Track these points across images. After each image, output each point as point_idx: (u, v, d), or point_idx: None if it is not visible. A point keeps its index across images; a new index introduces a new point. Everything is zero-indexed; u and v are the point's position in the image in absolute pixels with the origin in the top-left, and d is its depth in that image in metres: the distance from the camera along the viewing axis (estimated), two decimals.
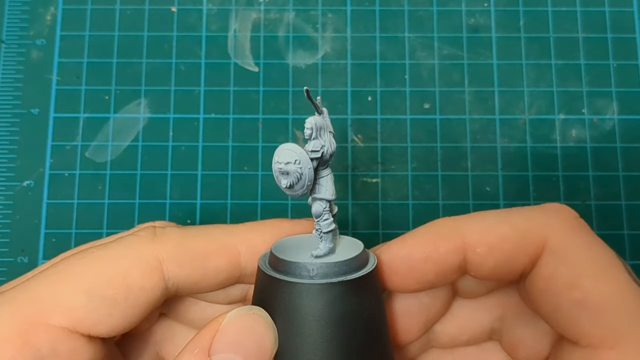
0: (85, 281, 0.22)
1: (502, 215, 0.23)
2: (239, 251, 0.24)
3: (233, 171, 0.39)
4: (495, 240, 0.23)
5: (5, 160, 0.39)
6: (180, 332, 0.28)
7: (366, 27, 0.41)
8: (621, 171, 0.39)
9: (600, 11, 0.41)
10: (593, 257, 0.22)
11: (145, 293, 0.23)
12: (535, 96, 0.40)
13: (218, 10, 0.42)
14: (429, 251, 0.23)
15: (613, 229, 0.38)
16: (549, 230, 0.22)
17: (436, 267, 0.23)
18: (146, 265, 0.23)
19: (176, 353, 0.28)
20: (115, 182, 0.39)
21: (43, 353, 0.21)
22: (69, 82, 0.40)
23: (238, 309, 0.21)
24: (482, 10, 0.42)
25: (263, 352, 0.21)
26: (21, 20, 0.41)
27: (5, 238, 0.38)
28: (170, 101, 0.40)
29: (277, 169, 0.22)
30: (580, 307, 0.21)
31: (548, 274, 0.22)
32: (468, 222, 0.24)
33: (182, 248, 0.24)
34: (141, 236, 0.24)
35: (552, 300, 0.21)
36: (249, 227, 0.25)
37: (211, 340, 0.21)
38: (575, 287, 0.21)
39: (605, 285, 0.21)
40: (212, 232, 0.25)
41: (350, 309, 0.21)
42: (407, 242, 0.24)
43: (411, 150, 0.39)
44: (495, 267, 0.23)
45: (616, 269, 0.21)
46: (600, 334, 0.20)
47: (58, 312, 0.21)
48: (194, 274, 0.24)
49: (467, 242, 0.23)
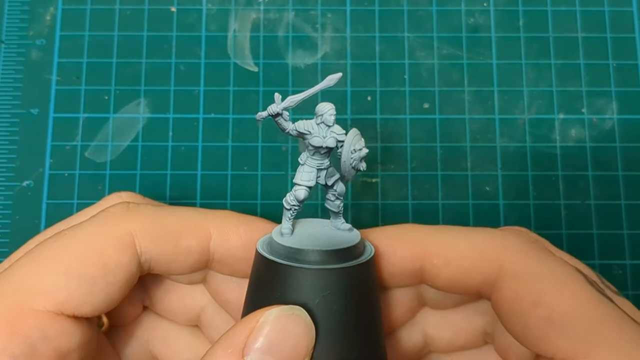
0: (62, 263, 0.22)
1: (465, 233, 0.24)
2: (210, 234, 0.25)
3: (233, 171, 0.39)
4: (453, 255, 0.24)
5: (5, 160, 0.39)
6: (167, 328, 0.28)
7: (366, 27, 0.41)
8: (621, 171, 0.39)
9: (599, 11, 0.41)
10: (552, 274, 0.22)
11: (122, 269, 0.23)
12: (534, 96, 0.40)
13: (217, 10, 0.42)
14: (387, 251, 0.24)
15: (612, 228, 0.38)
16: (506, 253, 0.23)
17: (390, 268, 0.24)
18: (119, 241, 0.23)
19: (166, 349, 0.28)
20: (115, 182, 0.39)
21: (34, 339, 0.21)
22: (69, 82, 0.40)
23: (277, 308, 0.21)
24: (481, 10, 0.42)
25: (298, 355, 0.20)
26: (21, 21, 0.41)
27: (5, 238, 0.38)
28: (170, 101, 0.40)
29: (364, 154, 0.23)
30: (547, 323, 0.21)
31: (511, 296, 0.22)
32: (432, 233, 0.25)
33: (155, 224, 0.24)
34: (113, 212, 0.24)
35: (520, 321, 0.22)
36: (224, 215, 0.25)
37: (246, 340, 0.20)
38: (538, 305, 0.21)
39: (568, 298, 0.21)
40: (186, 213, 0.25)
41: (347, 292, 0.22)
42: (372, 236, 0.25)
43: (411, 150, 0.39)
44: (450, 280, 0.24)
45: (577, 282, 0.22)
46: (572, 345, 0.20)
47: (41, 297, 0.21)
48: (166, 251, 0.24)
49: (426, 252, 0.24)
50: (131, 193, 0.29)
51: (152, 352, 0.28)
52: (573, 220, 0.38)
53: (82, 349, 0.23)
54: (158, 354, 0.28)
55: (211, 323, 0.28)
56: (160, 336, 0.28)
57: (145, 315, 0.28)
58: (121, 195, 0.28)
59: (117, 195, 0.28)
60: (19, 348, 0.20)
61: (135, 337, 0.28)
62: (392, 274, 0.25)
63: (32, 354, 0.21)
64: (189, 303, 0.28)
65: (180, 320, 0.28)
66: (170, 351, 0.28)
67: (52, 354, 0.21)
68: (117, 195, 0.28)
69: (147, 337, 0.28)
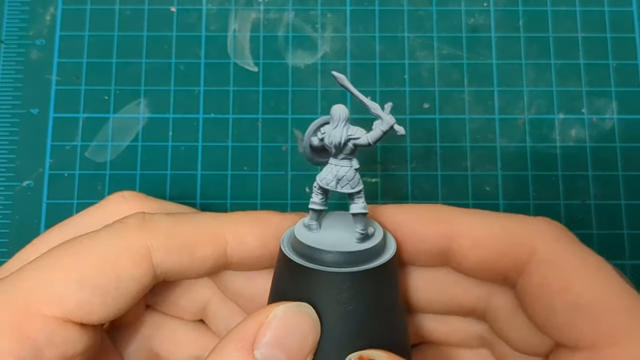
0: (76, 271, 0.22)
1: (496, 217, 0.24)
2: (226, 241, 0.25)
3: (233, 171, 0.39)
4: (484, 236, 0.23)
5: (5, 160, 0.39)
6: (169, 325, 0.28)
7: (365, 27, 0.41)
8: (621, 171, 0.39)
9: (599, 11, 0.41)
10: (583, 263, 0.22)
11: (135, 282, 0.23)
12: (534, 96, 0.40)
13: (217, 10, 0.42)
14: (417, 226, 0.24)
15: (613, 228, 0.38)
16: (538, 239, 0.23)
17: (418, 244, 0.24)
18: (135, 254, 0.23)
19: (168, 345, 0.28)
20: (115, 182, 0.39)
21: (40, 343, 0.21)
22: (69, 82, 0.40)
23: (286, 305, 0.21)
24: (481, 10, 0.42)
25: (305, 350, 0.21)
26: (21, 21, 0.41)
27: (5, 238, 0.38)
28: (170, 101, 0.40)
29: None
30: (575, 309, 0.21)
31: (540, 281, 0.22)
32: (462, 214, 0.24)
33: (171, 236, 0.24)
34: (129, 223, 0.24)
35: (547, 307, 0.22)
36: (238, 218, 0.25)
37: (255, 334, 0.21)
38: (568, 291, 0.21)
39: (597, 286, 0.21)
40: (201, 221, 0.25)
41: (361, 296, 0.22)
42: (402, 210, 0.24)
43: (411, 150, 0.39)
44: (478, 263, 0.23)
45: (607, 271, 0.22)
46: (600, 333, 0.20)
47: (51, 303, 0.21)
48: (182, 261, 0.24)
49: (455, 232, 0.24)
50: (134, 192, 0.29)
51: (154, 349, 0.28)
52: (573, 220, 0.38)
53: (87, 353, 0.23)
54: (161, 351, 0.28)
55: (217, 315, 0.28)
56: (162, 333, 0.28)
57: (147, 313, 0.28)
58: (124, 195, 0.28)
59: (120, 195, 0.28)
60: (25, 351, 0.20)
61: (138, 336, 0.28)
62: (417, 251, 0.24)
63: (37, 357, 0.21)
64: (194, 297, 0.28)
65: (186, 314, 0.28)
66: (173, 348, 0.28)
67: (56, 359, 0.21)
68: (119, 194, 0.28)
69: (149, 334, 0.28)
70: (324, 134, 0.23)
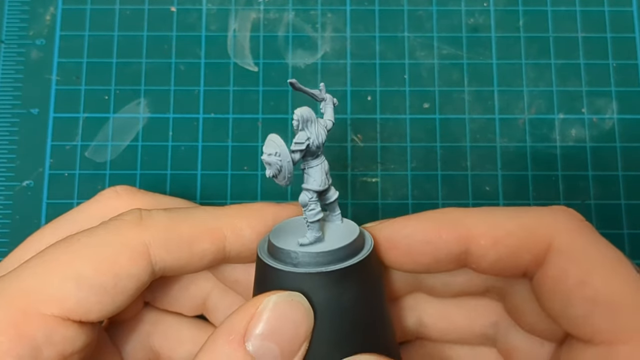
0: (73, 269, 0.22)
1: (510, 212, 0.24)
2: (224, 235, 0.25)
3: (233, 171, 0.39)
4: (501, 234, 0.23)
5: (5, 160, 0.39)
6: (168, 321, 0.28)
7: (366, 27, 0.41)
8: (621, 171, 0.39)
9: (599, 11, 0.41)
10: (601, 256, 0.22)
11: (133, 279, 0.23)
12: (534, 96, 0.40)
13: (217, 10, 0.42)
14: (432, 235, 0.23)
15: (613, 228, 0.38)
16: (555, 231, 0.22)
17: (435, 253, 0.23)
18: (133, 251, 0.23)
19: (167, 342, 0.28)
20: (115, 182, 0.39)
21: (38, 342, 0.21)
22: (69, 82, 0.40)
23: (277, 295, 0.21)
24: (481, 10, 0.42)
25: (298, 340, 0.21)
26: (21, 20, 0.41)
27: (5, 238, 0.38)
28: (170, 101, 0.40)
29: (262, 159, 0.22)
30: (592, 303, 0.21)
31: (557, 274, 0.22)
32: (475, 214, 0.24)
33: (169, 233, 0.24)
34: (127, 220, 0.24)
35: (563, 300, 0.21)
36: (235, 211, 0.25)
37: (247, 326, 0.20)
38: (585, 285, 0.21)
39: (615, 281, 0.21)
40: (199, 216, 0.25)
41: (334, 298, 0.21)
42: (411, 222, 0.24)
43: (411, 149, 0.39)
44: (497, 261, 0.23)
45: (625, 266, 0.21)
46: (614, 329, 0.20)
47: (49, 302, 0.21)
48: (180, 257, 0.24)
49: (472, 234, 0.23)
50: (127, 187, 0.29)
51: (153, 346, 0.28)
52: None
53: (85, 350, 0.23)
54: (159, 348, 0.28)
55: (218, 307, 0.28)
56: (161, 330, 0.28)
57: (145, 310, 0.28)
58: (116, 190, 0.28)
59: (113, 190, 0.28)
60: (23, 350, 0.20)
61: (136, 333, 0.28)
62: (437, 259, 0.24)
63: (36, 356, 0.21)
64: (193, 291, 0.28)
65: (186, 310, 0.28)
66: (171, 344, 0.28)
67: (55, 358, 0.21)
68: (112, 189, 0.28)
69: (147, 331, 0.28)
70: (301, 143, 0.23)
